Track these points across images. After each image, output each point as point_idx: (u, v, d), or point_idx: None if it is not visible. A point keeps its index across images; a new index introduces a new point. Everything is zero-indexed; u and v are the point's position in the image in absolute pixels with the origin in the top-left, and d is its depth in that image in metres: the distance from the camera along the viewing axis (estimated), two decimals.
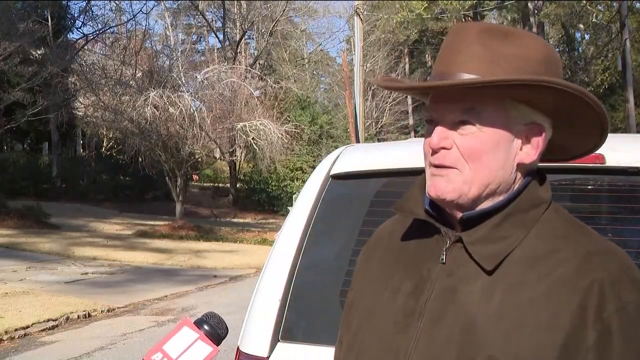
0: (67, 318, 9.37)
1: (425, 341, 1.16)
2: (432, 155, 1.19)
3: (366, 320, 1.27)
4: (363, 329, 1.27)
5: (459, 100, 1.16)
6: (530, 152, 1.19)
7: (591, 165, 1.97)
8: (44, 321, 9.00)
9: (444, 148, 1.17)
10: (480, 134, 1.15)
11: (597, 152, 1.97)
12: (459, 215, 1.20)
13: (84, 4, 27.53)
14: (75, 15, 29.79)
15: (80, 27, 27.98)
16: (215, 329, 1.40)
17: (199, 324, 1.40)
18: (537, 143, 1.20)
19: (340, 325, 1.40)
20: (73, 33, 29.54)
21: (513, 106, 1.17)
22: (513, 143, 1.18)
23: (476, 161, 1.16)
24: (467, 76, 1.14)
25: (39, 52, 25.23)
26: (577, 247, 1.14)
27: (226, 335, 1.42)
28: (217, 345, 1.38)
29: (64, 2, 29.45)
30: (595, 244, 1.16)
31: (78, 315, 9.59)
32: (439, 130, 1.17)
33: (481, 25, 1.20)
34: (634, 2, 25.95)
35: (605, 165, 1.97)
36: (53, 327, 8.97)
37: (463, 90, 1.15)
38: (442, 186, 1.17)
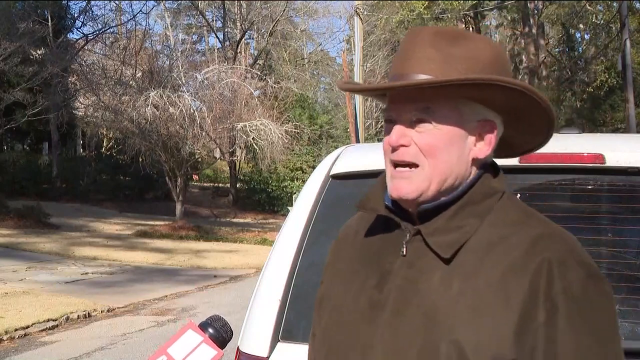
0: (67, 318, 9.37)
1: (390, 332, 1.21)
2: (392, 152, 1.25)
3: (335, 314, 1.32)
4: (332, 323, 1.32)
5: (415, 100, 1.22)
6: (483, 147, 1.26)
7: (591, 165, 1.98)
8: (44, 321, 9.00)
9: (402, 145, 1.23)
10: (436, 131, 1.22)
11: (598, 152, 1.98)
12: (414, 209, 1.26)
13: (84, 4, 27.53)
14: (75, 15, 29.79)
15: (80, 27, 27.95)
16: (219, 332, 1.40)
17: (203, 327, 1.41)
18: (490, 139, 1.27)
19: (313, 319, 1.44)
20: (73, 33, 29.55)
21: (466, 104, 1.24)
22: (467, 139, 1.25)
23: (434, 157, 1.22)
24: (421, 77, 1.21)
25: (39, 52, 25.22)
26: (528, 232, 1.20)
27: (231, 339, 1.43)
28: (222, 349, 1.39)
29: (64, 2, 29.44)
30: (544, 227, 1.22)
31: (78, 315, 9.59)
32: (397, 129, 1.24)
33: (434, 29, 1.27)
34: (634, 2, 25.94)
35: (606, 165, 1.98)
36: (53, 327, 8.97)
37: (418, 91, 1.21)
38: (403, 187, 1.24)
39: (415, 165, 1.23)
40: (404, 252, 1.25)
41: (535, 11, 30.44)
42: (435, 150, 1.22)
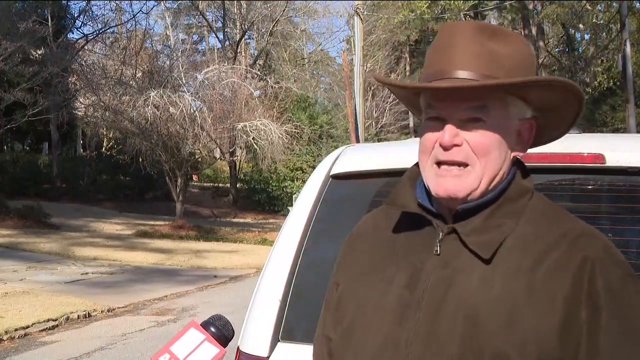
0: (67, 318, 9.37)
1: (425, 332, 1.18)
2: (443, 151, 1.22)
3: (360, 315, 1.28)
4: (357, 325, 1.28)
5: (467, 98, 1.20)
6: (523, 145, 1.27)
7: (591, 165, 1.98)
8: (44, 321, 9.00)
9: (455, 145, 1.21)
10: (488, 130, 1.20)
11: (598, 152, 1.98)
12: (455, 208, 1.24)
13: (84, 3, 27.54)
14: (75, 15, 29.78)
15: (80, 27, 27.92)
16: (221, 331, 1.41)
17: (205, 325, 1.42)
18: (529, 137, 1.28)
19: (323, 320, 1.42)
20: (73, 33, 29.55)
21: (512, 102, 1.23)
22: (511, 138, 1.24)
23: (486, 156, 1.21)
24: (467, 74, 1.19)
25: (39, 52, 25.24)
26: (564, 231, 1.20)
27: (232, 337, 1.43)
28: (224, 347, 1.39)
29: (63, 2, 29.44)
30: (579, 226, 1.22)
31: (78, 315, 9.59)
32: (450, 128, 1.21)
33: (473, 23, 1.25)
34: (634, 2, 25.94)
35: (606, 165, 1.98)
36: (53, 327, 8.97)
37: (471, 89, 1.18)
38: (451, 185, 1.21)
39: (466, 165, 1.21)
40: (438, 251, 1.23)
41: (535, 11, 30.46)
42: (488, 149, 1.20)
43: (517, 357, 1.12)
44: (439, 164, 1.23)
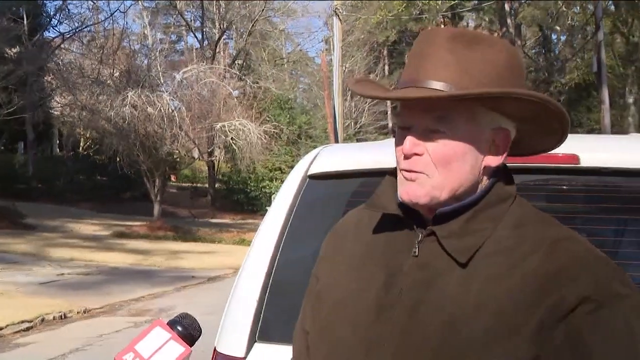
0: (43, 319, 9.27)
1: (400, 332, 1.18)
2: (404, 160, 1.22)
3: (337, 310, 1.29)
4: (333, 321, 1.29)
5: (431, 108, 1.19)
6: (496, 155, 1.25)
7: (566, 165, 2.00)
8: (18, 322, 8.89)
9: (416, 154, 1.21)
10: (451, 141, 1.20)
11: (572, 152, 2.01)
12: (430, 213, 1.24)
13: (60, 2, 27.21)
14: (52, 13, 29.43)
15: (57, 25, 27.56)
16: (188, 330, 1.40)
17: (172, 324, 1.40)
18: (504, 147, 1.25)
19: (303, 312, 1.42)
20: (49, 31, 29.17)
21: (481, 113, 1.21)
22: (481, 148, 1.23)
23: (446, 167, 1.20)
24: (436, 84, 1.18)
25: (13, 50, 24.91)
26: (543, 235, 1.20)
27: (199, 336, 1.42)
28: (190, 346, 1.38)
29: (39, 1, 29.08)
30: (559, 231, 1.22)
31: (54, 317, 9.49)
32: (411, 138, 1.21)
33: (450, 31, 1.24)
34: (607, 3, 26.27)
35: (580, 165, 2.00)
36: (28, 329, 8.87)
37: (436, 99, 1.18)
38: (414, 190, 1.22)
39: (425, 174, 1.21)
40: (416, 253, 1.23)
41: (512, 11, 30.70)
42: (449, 160, 1.20)
43: None
44: (402, 170, 1.24)
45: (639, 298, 1.17)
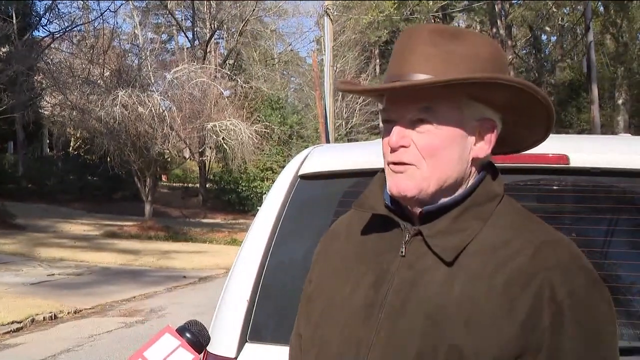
0: (33, 320, 9.22)
1: (386, 332, 1.20)
2: (390, 153, 1.23)
3: (327, 312, 1.30)
4: (324, 322, 1.30)
5: (415, 100, 1.20)
6: (483, 146, 1.25)
7: (556, 165, 2.01)
8: (8, 323, 8.85)
9: (402, 146, 1.22)
10: (436, 132, 1.21)
11: (562, 152, 2.02)
12: (419, 210, 1.24)
13: (50, 2, 27.08)
14: (41, 13, 29.26)
15: (46, 25, 27.39)
16: (197, 337, 1.40)
17: (180, 331, 1.40)
18: (490, 138, 1.26)
19: (298, 317, 1.43)
20: (39, 31, 29.01)
21: (466, 103, 1.22)
22: (467, 139, 1.23)
23: (433, 157, 1.21)
24: (421, 76, 1.19)
25: (3, 49, 24.77)
26: (530, 237, 1.20)
27: (208, 343, 1.42)
28: (199, 354, 1.38)
29: (28, 0, 28.90)
30: (546, 234, 1.22)
31: (44, 317, 9.45)
32: (397, 130, 1.22)
33: (431, 26, 1.25)
34: (597, 3, 26.39)
35: (570, 165, 2.01)
36: (18, 330, 8.83)
37: (419, 91, 1.19)
38: (403, 183, 1.22)
39: (413, 165, 1.22)
40: (403, 253, 1.24)
41: (503, 12, 30.82)
42: (436, 150, 1.20)
43: (471, 356, 1.13)
44: (390, 164, 1.25)
45: (612, 314, 1.18)
